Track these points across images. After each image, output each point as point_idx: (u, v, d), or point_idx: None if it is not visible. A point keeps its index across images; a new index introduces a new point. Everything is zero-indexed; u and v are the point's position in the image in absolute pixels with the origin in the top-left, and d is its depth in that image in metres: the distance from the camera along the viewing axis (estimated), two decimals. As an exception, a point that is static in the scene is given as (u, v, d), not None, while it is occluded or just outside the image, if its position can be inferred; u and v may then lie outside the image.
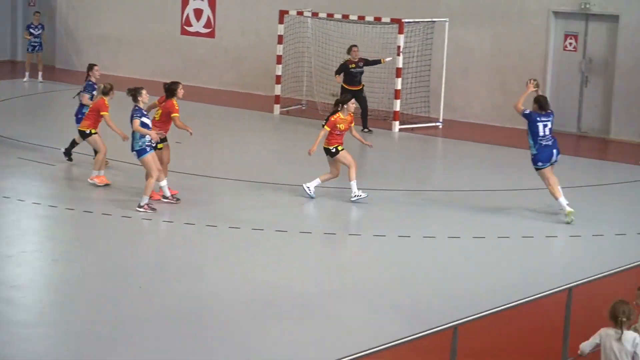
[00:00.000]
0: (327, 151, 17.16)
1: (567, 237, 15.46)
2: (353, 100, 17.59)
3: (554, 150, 16.33)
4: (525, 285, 13.12)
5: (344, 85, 23.00)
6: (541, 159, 16.24)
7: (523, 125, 23.45)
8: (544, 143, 16.24)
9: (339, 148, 17.10)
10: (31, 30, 29.21)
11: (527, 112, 16.33)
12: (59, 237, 15.16)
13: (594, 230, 15.86)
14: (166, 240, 15.50)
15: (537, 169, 16.38)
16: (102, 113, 17.67)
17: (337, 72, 23.25)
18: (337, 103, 17.40)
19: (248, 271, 13.68)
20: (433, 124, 23.23)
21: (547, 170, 16.27)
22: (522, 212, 16.83)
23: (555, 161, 16.42)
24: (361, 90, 23.11)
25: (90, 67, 19.49)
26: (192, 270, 13.74)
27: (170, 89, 16.95)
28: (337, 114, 17.09)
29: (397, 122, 23.71)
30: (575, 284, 11.04)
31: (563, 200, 16.19)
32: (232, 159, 20.46)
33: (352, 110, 17.31)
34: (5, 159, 19.50)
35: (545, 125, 16.27)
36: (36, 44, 29.19)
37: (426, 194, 17.88)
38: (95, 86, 18.74)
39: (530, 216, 16.61)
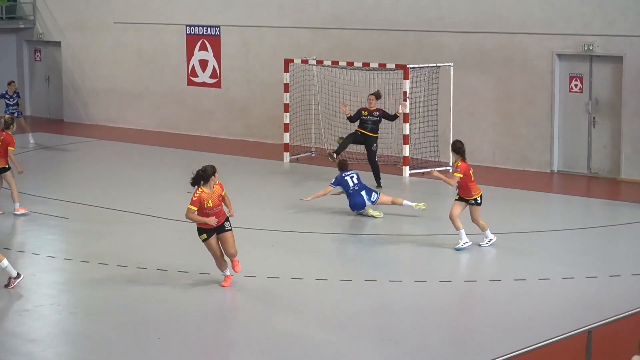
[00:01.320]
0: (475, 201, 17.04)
1: (584, 279, 15.43)
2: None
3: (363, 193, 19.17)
4: (544, 327, 13.10)
5: (359, 130, 22.29)
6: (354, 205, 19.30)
7: (533, 167, 23.86)
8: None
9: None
10: (6, 101, 28.05)
11: None
12: (76, 290, 15.14)
13: (610, 270, 15.85)
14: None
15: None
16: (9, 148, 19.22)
17: (351, 120, 22.53)
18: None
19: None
20: (443, 168, 23.24)
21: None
22: (537, 254, 16.84)
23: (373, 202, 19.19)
24: (371, 138, 22.12)
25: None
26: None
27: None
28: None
29: (407, 167, 23.77)
30: (594, 325, 11.04)
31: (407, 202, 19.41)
32: (251, 207, 20.24)
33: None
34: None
35: (351, 177, 19.31)
36: (14, 112, 27.86)
37: (440, 238, 17.85)
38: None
39: (546, 258, 16.61)
